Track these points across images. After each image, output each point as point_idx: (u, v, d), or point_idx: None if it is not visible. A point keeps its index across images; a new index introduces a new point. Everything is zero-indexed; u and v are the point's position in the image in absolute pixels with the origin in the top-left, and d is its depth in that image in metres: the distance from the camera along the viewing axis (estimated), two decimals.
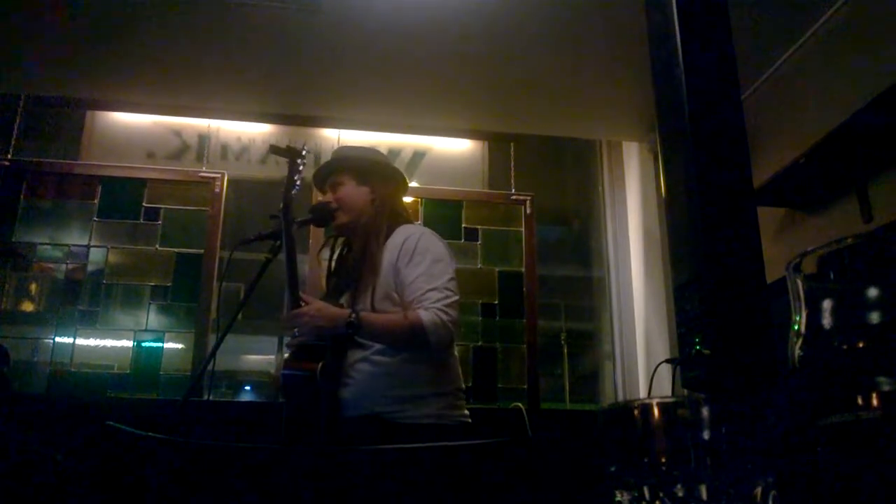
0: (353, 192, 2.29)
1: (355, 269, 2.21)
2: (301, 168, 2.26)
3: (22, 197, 3.75)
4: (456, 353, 2.26)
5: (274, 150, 2.27)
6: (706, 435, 0.61)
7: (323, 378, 2.05)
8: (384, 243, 2.21)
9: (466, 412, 2.18)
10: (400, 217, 2.32)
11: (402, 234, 2.21)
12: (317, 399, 2.04)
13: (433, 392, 2.10)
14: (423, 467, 0.84)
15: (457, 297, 2.12)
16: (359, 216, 2.27)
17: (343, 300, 2.20)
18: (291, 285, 2.12)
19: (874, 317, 0.56)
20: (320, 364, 2.05)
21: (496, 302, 3.94)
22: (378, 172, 2.35)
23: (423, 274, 2.10)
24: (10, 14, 3.12)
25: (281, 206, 2.20)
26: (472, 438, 0.90)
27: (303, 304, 2.10)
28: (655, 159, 4.17)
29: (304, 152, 2.28)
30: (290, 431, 2.11)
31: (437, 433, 2.01)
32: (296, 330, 2.17)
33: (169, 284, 3.74)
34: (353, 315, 2.04)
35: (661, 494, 0.60)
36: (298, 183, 2.26)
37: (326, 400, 2.05)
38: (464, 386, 2.24)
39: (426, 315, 2.03)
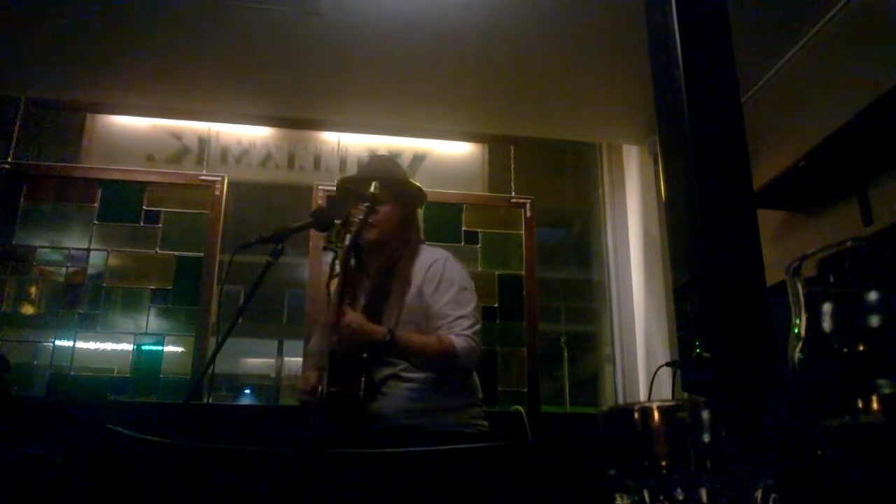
0: (387, 210, 2.29)
1: (382, 287, 2.23)
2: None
3: (22, 200, 3.75)
4: None
5: (351, 192, 2.28)
6: (706, 438, 0.61)
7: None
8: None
9: (485, 423, 2.24)
10: (419, 235, 2.38)
11: (427, 258, 2.26)
12: (356, 416, 2.09)
13: (463, 403, 2.19)
14: (423, 471, 0.84)
15: (481, 325, 2.19)
16: (387, 234, 2.29)
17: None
18: (341, 299, 2.14)
19: (874, 320, 0.56)
20: (362, 383, 2.09)
21: (496, 305, 3.93)
22: (410, 192, 2.39)
23: (451, 301, 2.17)
24: (9, 17, 3.12)
25: (347, 242, 2.20)
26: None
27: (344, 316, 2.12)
28: (655, 162, 4.17)
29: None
30: (321, 444, 2.11)
31: (467, 441, 2.02)
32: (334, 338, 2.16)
33: (169, 287, 3.74)
34: (389, 334, 2.07)
35: (661, 498, 0.60)
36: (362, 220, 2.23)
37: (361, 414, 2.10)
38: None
39: (459, 341, 2.09)
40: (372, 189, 2.26)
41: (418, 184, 2.45)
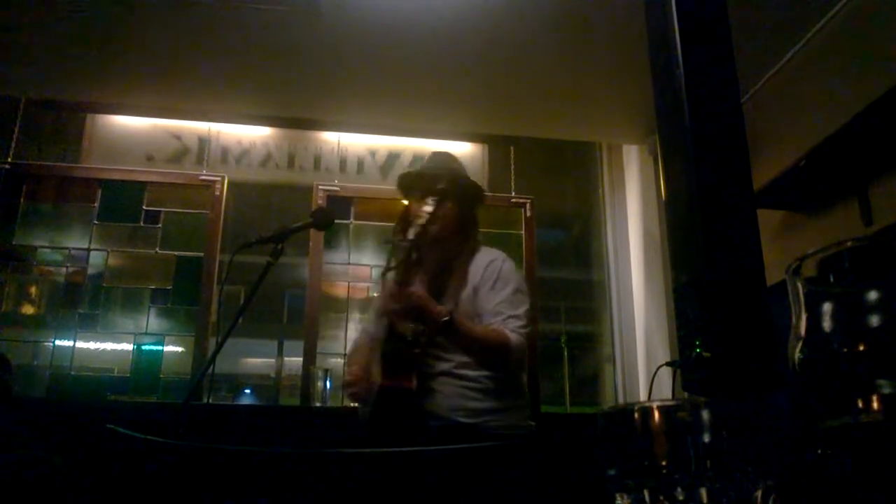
0: (450, 212, 2.31)
1: (438, 284, 2.24)
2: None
3: (22, 200, 3.76)
4: None
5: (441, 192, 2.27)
6: (706, 438, 0.61)
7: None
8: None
9: (532, 423, 2.28)
10: (477, 234, 2.42)
11: (484, 257, 2.29)
12: (408, 412, 2.10)
13: (514, 404, 2.21)
14: (423, 470, 0.84)
15: (531, 329, 2.24)
16: (446, 231, 2.30)
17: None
18: (404, 280, 2.15)
19: (874, 320, 0.56)
20: (416, 377, 2.10)
21: None
22: (471, 191, 2.41)
23: (505, 300, 2.19)
24: (10, 17, 3.12)
25: (413, 234, 2.20)
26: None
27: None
28: (655, 162, 4.17)
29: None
30: (372, 440, 2.14)
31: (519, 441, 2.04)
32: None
33: (169, 287, 3.74)
34: (449, 315, 2.08)
35: (661, 498, 0.60)
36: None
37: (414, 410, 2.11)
38: None
39: (513, 336, 2.12)
40: (442, 185, 2.27)
41: (479, 184, 2.48)
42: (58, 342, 3.58)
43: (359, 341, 2.53)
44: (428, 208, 2.21)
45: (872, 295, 0.57)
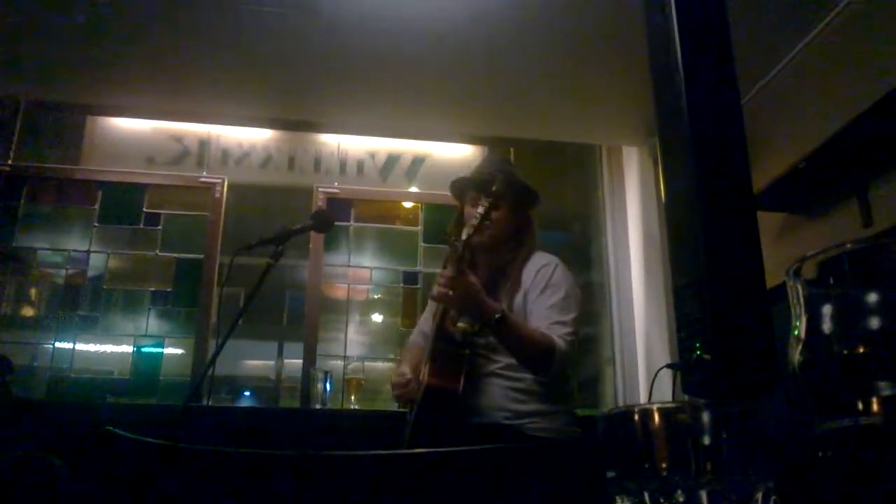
0: (504, 217, 2.31)
1: (491, 288, 2.24)
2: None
3: (22, 202, 3.76)
4: None
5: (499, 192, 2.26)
6: (707, 440, 0.61)
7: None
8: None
9: (578, 429, 2.26)
10: (533, 239, 2.41)
11: (538, 261, 2.30)
12: (452, 412, 2.10)
13: (559, 409, 2.21)
14: (424, 472, 0.84)
15: (578, 336, 2.22)
16: (500, 237, 2.31)
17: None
18: (461, 270, 2.13)
19: (875, 322, 0.56)
20: (462, 380, 2.10)
21: None
22: (530, 201, 2.42)
23: (554, 306, 2.19)
24: (9, 18, 3.12)
25: (465, 235, 2.20)
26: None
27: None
28: (655, 164, 4.16)
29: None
30: (415, 438, 2.14)
31: (561, 446, 2.04)
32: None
33: (169, 290, 3.74)
34: (501, 312, 2.09)
35: (661, 500, 0.60)
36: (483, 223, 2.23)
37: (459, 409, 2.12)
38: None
39: (560, 342, 2.11)
40: (495, 187, 2.24)
41: (536, 191, 2.47)
42: (58, 344, 3.58)
43: (412, 340, 2.56)
44: (481, 210, 2.20)
45: (872, 297, 0.57)
